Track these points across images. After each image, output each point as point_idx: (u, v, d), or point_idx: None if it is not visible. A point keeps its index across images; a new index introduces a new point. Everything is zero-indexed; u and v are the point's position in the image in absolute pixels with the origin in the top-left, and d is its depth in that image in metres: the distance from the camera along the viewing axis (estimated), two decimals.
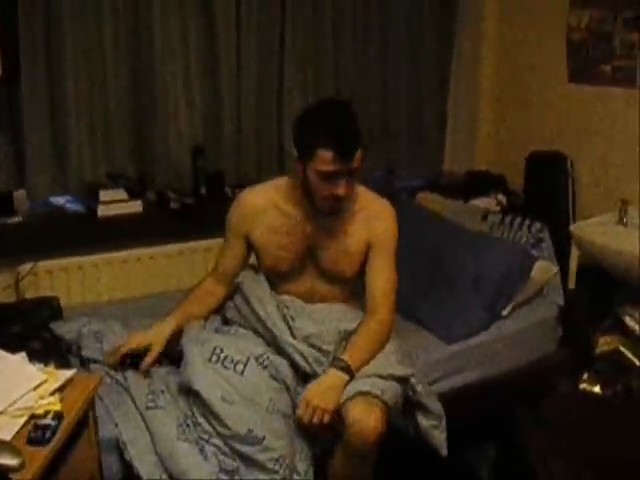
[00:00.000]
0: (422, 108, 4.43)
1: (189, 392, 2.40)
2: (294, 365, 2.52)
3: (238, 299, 2.72)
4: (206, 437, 2.33)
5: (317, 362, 2.52)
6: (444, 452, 2.57)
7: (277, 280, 2.73)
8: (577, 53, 3.86)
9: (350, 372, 2.42)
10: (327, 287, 2.73)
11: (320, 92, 4.02)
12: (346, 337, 2.60)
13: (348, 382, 2.40)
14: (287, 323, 2.61)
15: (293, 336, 2.58)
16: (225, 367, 2.41)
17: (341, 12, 4.03)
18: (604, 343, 2.99)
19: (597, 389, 2.80)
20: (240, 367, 2.42)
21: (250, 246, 2.73)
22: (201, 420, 2.35)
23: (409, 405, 2.54)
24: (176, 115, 3.71)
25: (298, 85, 3.99)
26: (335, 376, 2.42)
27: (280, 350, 2.54)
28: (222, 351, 2.45)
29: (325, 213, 2.58)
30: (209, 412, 2.33)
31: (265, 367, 2.46)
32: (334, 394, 2.37)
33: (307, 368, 2.52)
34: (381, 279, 2.65)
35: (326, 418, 2.35)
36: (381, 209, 2.70)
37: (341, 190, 2.46)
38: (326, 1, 3.96)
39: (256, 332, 2.63)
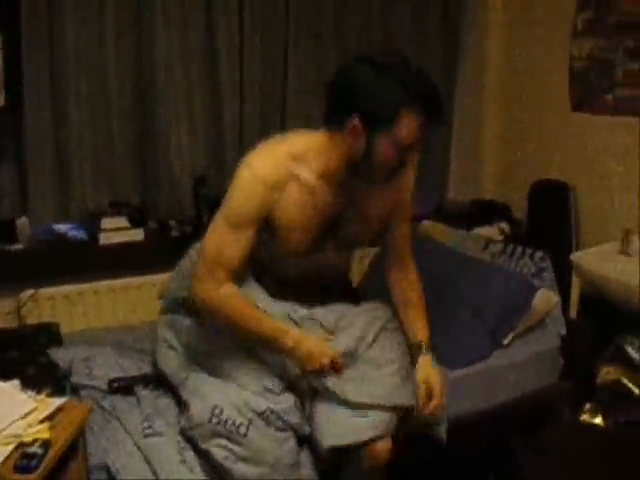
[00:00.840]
0: (426, 137, 4.41)
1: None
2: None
3: None
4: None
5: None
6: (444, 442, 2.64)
7: (281, 259, 2.40)
8: (580, 82, 3.84)
9: (432, 349, 2.51)
10: (337, 258, 2.48)
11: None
12: (360, 340, 2.41)
13: None
14: None
15: None
16: (227, 429, 2.25)
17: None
18: (606, 373, 2.95)
19: (598, 420, 2.77)
20: (243, 429, 2.25)
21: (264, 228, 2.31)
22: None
23: None
24: (178, 143, 3.71)
25: (302, 112, 3.98)
26: (430, 360, 2.50)
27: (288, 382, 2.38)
28: (222, 412, 2.26)
29: (376, 182, 2.27)
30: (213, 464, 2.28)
31: (269, 422, 2.27)
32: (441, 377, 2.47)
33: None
34: (404, 235, 2.54)
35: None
36: None
37: (412, 158, 2.24)
38: (328, 26, 3.96)
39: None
